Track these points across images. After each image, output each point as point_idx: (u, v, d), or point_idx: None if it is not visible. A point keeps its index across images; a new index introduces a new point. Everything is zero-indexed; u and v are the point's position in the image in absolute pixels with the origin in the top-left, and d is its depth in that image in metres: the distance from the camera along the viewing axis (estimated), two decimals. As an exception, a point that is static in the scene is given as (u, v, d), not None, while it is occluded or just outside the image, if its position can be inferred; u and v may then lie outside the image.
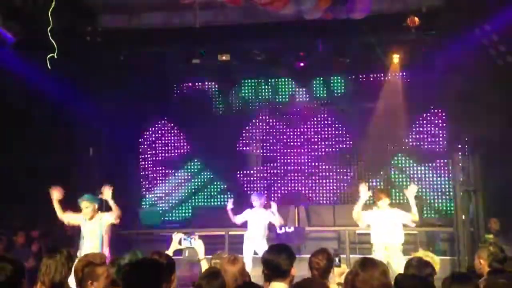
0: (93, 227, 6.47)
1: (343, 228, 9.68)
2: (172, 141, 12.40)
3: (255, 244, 7.99)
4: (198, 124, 11.86)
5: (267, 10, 6.36)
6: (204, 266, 4.05)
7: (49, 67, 6.95)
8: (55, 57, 6.87)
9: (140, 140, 12.34)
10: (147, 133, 12.39)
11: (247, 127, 12.07)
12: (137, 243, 7.90)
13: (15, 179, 9.00)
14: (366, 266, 2.90)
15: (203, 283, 3.24)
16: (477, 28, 7.85)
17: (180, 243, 4.33)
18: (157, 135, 12.41)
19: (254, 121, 12.06)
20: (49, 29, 6.74)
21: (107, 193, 6.50)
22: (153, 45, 9.13)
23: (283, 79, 11.85)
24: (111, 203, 6.49)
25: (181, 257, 7.29)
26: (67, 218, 6.63)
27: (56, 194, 6.55)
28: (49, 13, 6.70)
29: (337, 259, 4.02)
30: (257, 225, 8.13)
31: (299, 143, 11.81)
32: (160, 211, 11.76)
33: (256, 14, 7.96)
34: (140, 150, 12.31)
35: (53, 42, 6.75)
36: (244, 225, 8.42)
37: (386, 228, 7.05)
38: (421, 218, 10.61)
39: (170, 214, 12.02)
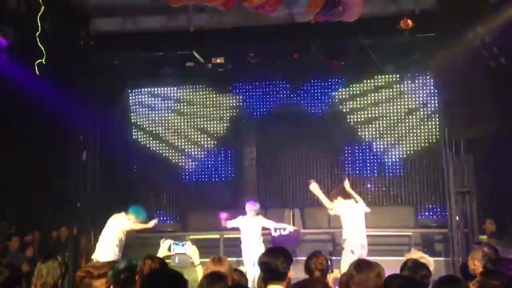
0: None
1: (338, 230, 9.69)
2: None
3: (251, 252, 7.98)
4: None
5: (259, 13, 6.35)
6: (200, 271, 4.03)
7: (38, 73, 6.93)
8: (44, 62, 6.85)
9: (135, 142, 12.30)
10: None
11: (241, 129, 12.06)
12: (128, 247, 7.84)
13: (9, 183, 8.96)
14: (361, 268, 2.91)
15: (204, 283, 3.21)
16: (470, 30, 7.88)
17: (169, 249, 4.24)
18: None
19: (248, 123, 12.05)
20: (37, 34, 6.71)
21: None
22: (147, 49, 9.10)
23: (277, 82, 11.85)
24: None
25: (170, 263, 7.26)
26: None
27: None
28: (38, 17, 6.66)
29: (329, 264, 4.02)
30: (250, 233, 8.15)
31: (294, 144, 11.80)
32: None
33: (250, 17, 7.96)
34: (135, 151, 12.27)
35: (42, 48, 6.72)
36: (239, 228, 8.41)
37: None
38: (416, 220, 10.73)
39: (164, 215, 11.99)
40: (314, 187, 7.95)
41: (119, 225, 7.17)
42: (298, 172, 11.70)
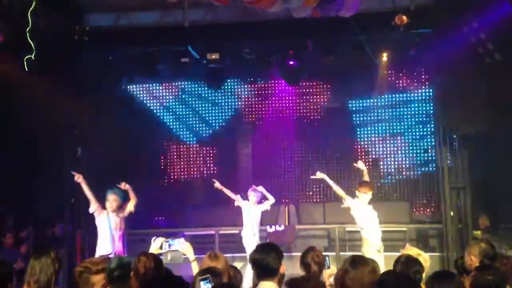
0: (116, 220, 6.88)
1: (333, 225, 9.72)
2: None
3: (250, 241, 8.00)
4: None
5: (255, 9, 6.34)
6: (195, 267, 4.01)
7: (26, 68, 6.90)
8: (33, 58, 6.81)
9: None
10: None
11: (236, 125, 12.04)
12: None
13: (3, 179, 8.91)
14: (356, 263, 2.92)
15: (198, 279, 3.20)
16: (465, 26, 7.89)
17: (161, 247, 4.19)
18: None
19: (243, 119, 12.03)
20: (28, 29, 6.67)
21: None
22: (142, 44, 9.06)
23: (273, 78, 11.83)
24: (131, 192, 6.97)
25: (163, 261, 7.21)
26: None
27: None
28: (29, 13, 6.62)
29: (327, 260, 4.01)
30: (250, 221, 8.18)
31: (289, 141, 11.80)
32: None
33: (246, 13, 7.94)
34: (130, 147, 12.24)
35: (31, 43, 6.69)
36: (235, 223, 8.42)
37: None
38: (411, 215, 10.77)
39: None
40: (321, 175, 7.69)
41: (102, 221, 7.07)
42: (293, 168, 11.71)
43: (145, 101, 12.27)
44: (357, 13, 6.68)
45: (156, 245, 4.19)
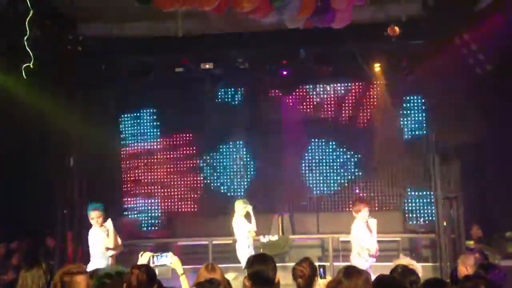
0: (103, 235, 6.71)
1: (327, 235, 9.72)
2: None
3: (245, 253, 7.90)
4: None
5: (250, 19, 6.38)
6: (184, 281, 3.98)
7: (24, 76, 6.88)
8: (31, 66, 6.80)
9: (122, 149, 12.23)
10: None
11: (230, 135, 12.04)
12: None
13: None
14: (350, 274, 2.93)
15: None
16: (456, 37, 7.98)
17: (149, 262, 4.13)
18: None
19: (237, 128, 12.03)
20: (25, 38, 6.66)
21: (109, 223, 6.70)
22: (136, 54, 9.07)
23: (267, 87, 11.86)
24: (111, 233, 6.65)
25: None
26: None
27: None
28: (27, 22, 6.61)
29: (321, 270, 4.01)
30: (245, 233, 8.08)
31: (284, 151, 11.81)
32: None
33: (239, 23, 7.98)
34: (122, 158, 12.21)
35: (29, 52, 6.68)
36: (229, 233, 8.35)
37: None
38: (404, 225, 10.79)
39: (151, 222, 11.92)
40: None
41: (90, 239, 6.98)
42: (287, 178, 11.70)
43: (138, 110, 12.24)
44: (350, 24, 6.74)
45: (143, 260, 4.13)
